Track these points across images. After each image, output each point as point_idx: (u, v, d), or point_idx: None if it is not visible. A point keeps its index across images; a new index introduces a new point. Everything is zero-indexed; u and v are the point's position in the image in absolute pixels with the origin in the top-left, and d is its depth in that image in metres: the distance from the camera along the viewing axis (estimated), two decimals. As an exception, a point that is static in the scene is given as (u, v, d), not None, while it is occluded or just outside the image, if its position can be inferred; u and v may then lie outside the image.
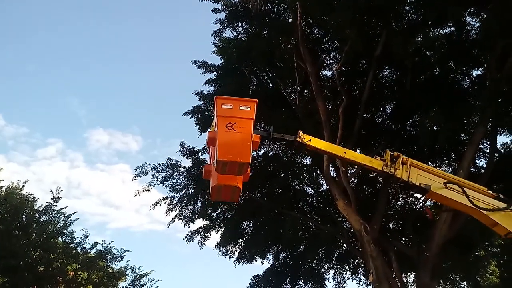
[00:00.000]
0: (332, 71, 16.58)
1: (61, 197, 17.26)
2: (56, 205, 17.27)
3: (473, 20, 13.78)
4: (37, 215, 17.01)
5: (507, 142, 15.52)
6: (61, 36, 67.90)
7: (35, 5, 62.85)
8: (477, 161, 15.58)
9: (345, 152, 6.08)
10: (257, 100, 5.41)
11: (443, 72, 14.85)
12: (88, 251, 18.23)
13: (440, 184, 5.83)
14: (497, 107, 12.13)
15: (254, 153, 17.74)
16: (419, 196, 17.61)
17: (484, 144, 14.92)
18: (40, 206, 17.15)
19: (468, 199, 5.74)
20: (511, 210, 5.73)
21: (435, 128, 13.39)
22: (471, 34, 13.98)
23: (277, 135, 5.93)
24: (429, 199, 16.89)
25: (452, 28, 14.09)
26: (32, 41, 63.88)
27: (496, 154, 14.48)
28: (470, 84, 15.01)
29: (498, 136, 14.41)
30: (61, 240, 17.74)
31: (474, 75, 14.99)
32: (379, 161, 5.93)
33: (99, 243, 18.32)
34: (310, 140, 5.84)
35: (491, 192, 5.95)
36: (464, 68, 14.89)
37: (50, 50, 66.57)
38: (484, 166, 14.88)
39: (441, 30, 14.14)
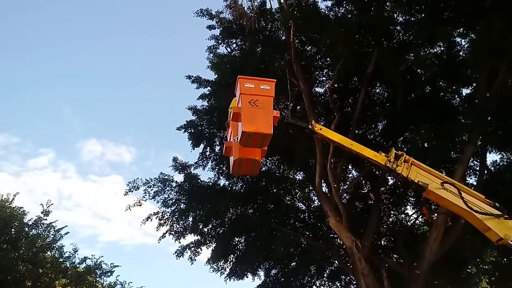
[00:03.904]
0: (324, 88, 16.80)
1: (51, 211, 17.10)
2: (46, 219, 17.10)
3: (463, 40, 14.13)
4: (27, 229, 16.79)
5: (496, 160, 15.70)
6: (56, 45, 68.04)
7: (31, 15, 63.08)
8: (468, 179, 15.72)
9: (352, 144, 6.53)
10: (275, 80, 6.08)
11: (433, 90, 15.11)
12: (77, 265, 18.01)
13: (438, 184, 6.12)
14: (486, 126, 12.31)
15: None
16: (410, 212, 17.82)
17: (474, 162, 15.09)
18: (30, 220, 16.96)
19: (463, 201, 5.99)
20: (505, 218, 5.95)
21: (426, 145, 13.55)
22: (461, 53, 14.29)
23: (291, 120, 6.54)
24: (421, 216, 17.04)
25: (442, 48, 14.40)
26: (26, 49, 63.89)
27: (486, 172, 14.63)
28: (460, 103, 15.26)
29: (488, 154, 14.60)
30: (50, 255, 17.51)
31: (464, 94, 15.27)
32: (383, 157, 6.32)
33: (89, 258, 18.13)
34: (321, 129, 6.43)
35: (488, 200, 6.18)
36: (454, 87, 15.16)
37: (44, 59, 66.56)
38: (475, 183, 15.01)
39: (431, 49, 14.47)
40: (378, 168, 6.71)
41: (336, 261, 17.99)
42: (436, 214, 12.72)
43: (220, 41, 16.47)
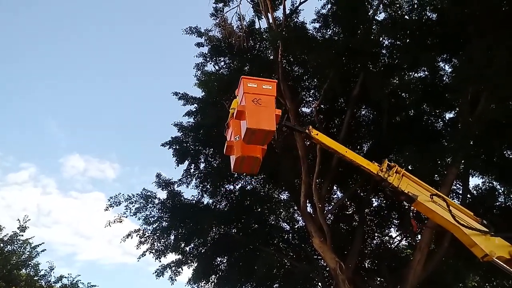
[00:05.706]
0: (311, 108, 16.91)
1: (28, 227, 16.65)
2: (23, 235, 16.62)
3: (446, 65, 14.44)
4: (2, 245, 16.28)
5: (479, 184, 15.88)
6: (42, 58, 67.43)
7: (21, 24, 62.58)
8: (450, 202, 15.82)
9: (346, 151, 6.66)
10: (277, 81, 6.35)
11: (417, 114, 15.33)
12: (53, 284, 17.45)
13: (427, 197, 6.25)
14: (468, 150, 12.47)
15: (231, 187, 17.66)
16: (394, 235, 17.81)
17: (457, 185, 15.23)
18: (5, 235, 16.47)
19: (451, 215, 6.12)
20: (491, 235, 6.06)
21: (410, 167, 13.63)
22: (444, 78, 14.58)
23: (289, 123, 6.82)
24: (406, 237, 17.04)
25: (426, 72, 14.68)
26: (11, 60, 63.09)
27: (468, 196, 14.76)
28: (443, 126, 15.48)
29: (470, 177, 14.76)
30: (25, 272, 16.95)
31: (447, 118, 15.52)
32: (375, 166, 6.45)
33: (65, 277, 17.62)
34: (317, 134, 6.64)
35: (476, 217, 6.32)
36: (438, 111, 15.41)
37: (30, 70, 65.83)
38: (457, 207, 15.10)
39: (416, 74, 14.75)
40: (370, 176, 6.79)
41: (319, 283, 17.73)
42: (423, 228, 12.73)
43: (208, 59, 16.57)
